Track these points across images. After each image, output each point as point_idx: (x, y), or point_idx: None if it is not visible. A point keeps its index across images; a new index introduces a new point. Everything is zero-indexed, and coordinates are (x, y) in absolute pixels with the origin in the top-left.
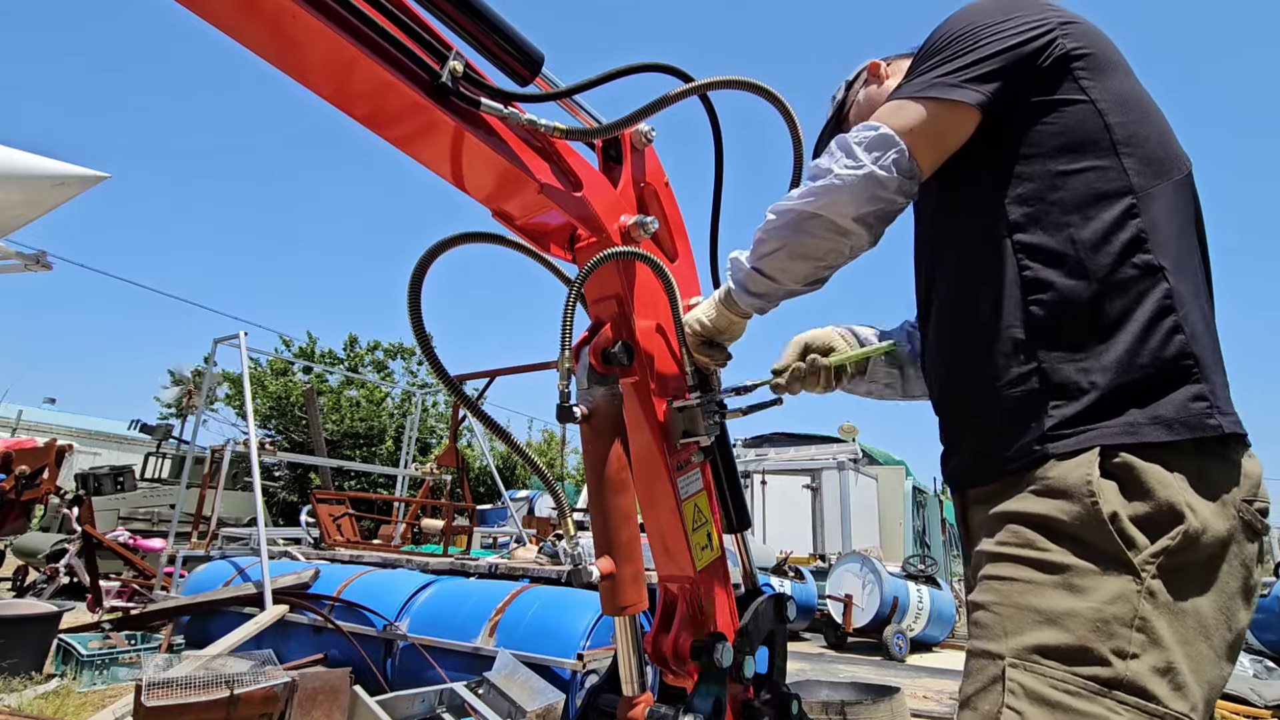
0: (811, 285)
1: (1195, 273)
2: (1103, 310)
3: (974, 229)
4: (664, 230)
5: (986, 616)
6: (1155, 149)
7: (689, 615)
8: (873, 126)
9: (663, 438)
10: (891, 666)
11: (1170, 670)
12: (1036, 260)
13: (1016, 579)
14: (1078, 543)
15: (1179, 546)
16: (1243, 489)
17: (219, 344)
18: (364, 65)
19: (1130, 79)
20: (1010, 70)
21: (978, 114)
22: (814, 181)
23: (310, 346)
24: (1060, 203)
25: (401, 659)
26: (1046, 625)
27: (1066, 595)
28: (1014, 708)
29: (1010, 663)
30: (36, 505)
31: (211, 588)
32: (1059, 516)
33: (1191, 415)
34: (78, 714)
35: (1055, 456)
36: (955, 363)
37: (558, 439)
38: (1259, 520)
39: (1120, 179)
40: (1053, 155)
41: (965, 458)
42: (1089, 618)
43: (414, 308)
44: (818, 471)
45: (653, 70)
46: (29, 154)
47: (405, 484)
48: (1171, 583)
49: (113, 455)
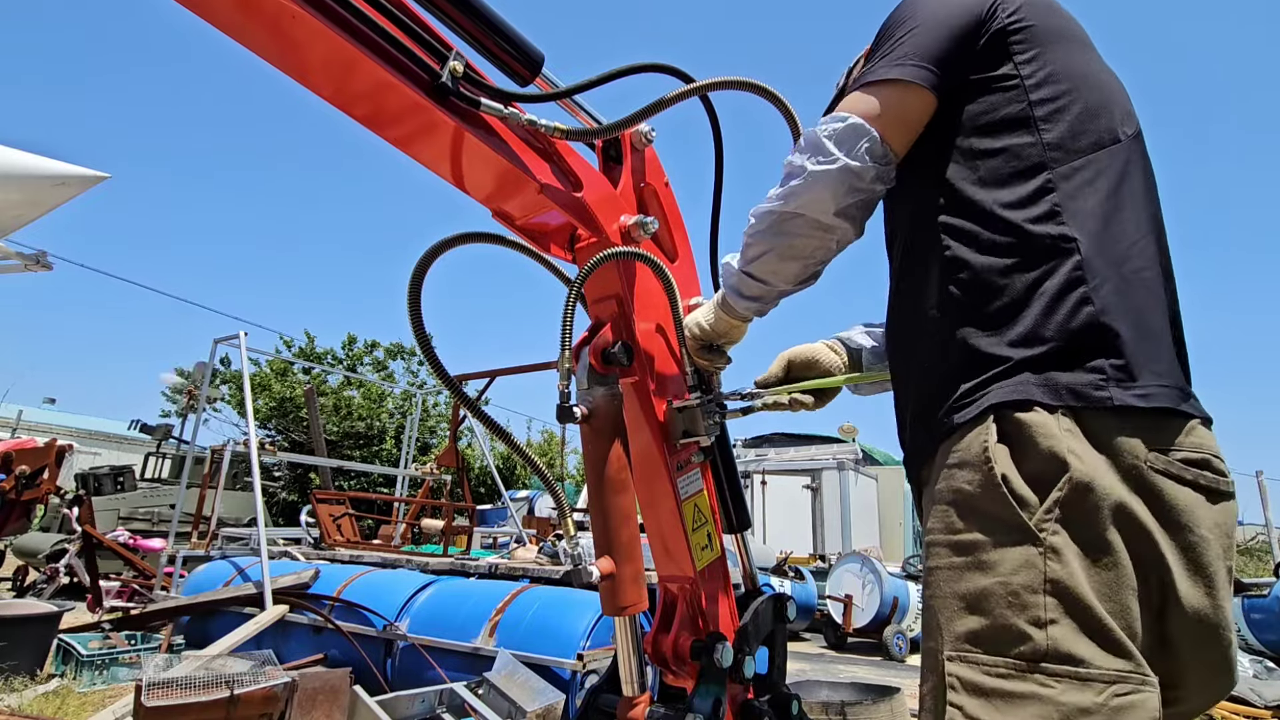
0: (804, 283)
1: (1122, 241)
2: (1014, 285)
3: (915, 215)
4: (664, 230)
5: (927, 613)
6: (1083, 121)
7: (689, 615)
8: (840, 117)
9: (663, 438)
10: (891, 667)
11: (1098, 627)
12: (956, 239)
13: (942, 567)
14: (982, 516)
15: (1070, 498)
16: (1155, 441)
17: (219, 344)
18: (364, 65)
19: (1073, 48)
20: (953, 42)
21: (931, 95)
22: (789, 180)
23: (309, 346)
24: (980, 181)
25: (401, 659)
26: (969, 611)
27: (979, 575)
28: (955, 704)
29: (947, 656)
30: (37, 505)
31: (211, 588)
32: (965, 489)
33: (1081, 385)
34: (78, 714)
35: (959, 426)
36: (894, 351)
37: (558, 439)
38: (1186, 470)
39: (1038, 154)
40: (977, 134)
41: (909, 445)
42: (1000, 594)
43: (414, 308)
44: (818, 472)
45: (653, 70)
46: (29, 154)
47: (405, 484)
48: (1076, 536)
49: (113, 455)
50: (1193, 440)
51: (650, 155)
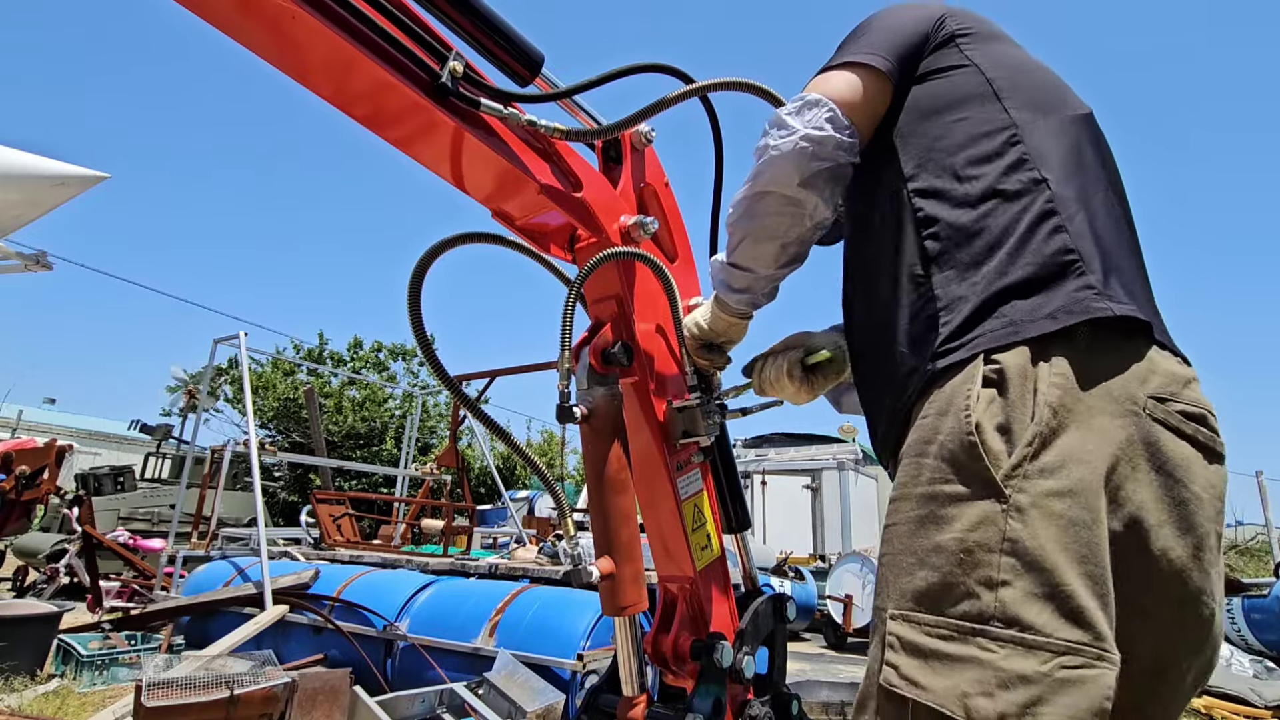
0: (787, 266)
1: (1089, 188)
2: (988, 225)
3: (881, 190)
4: (664, 230)
5: (880, 570)
6: (1039, 94)
7: (689, 615)
8: (799, 96)
9: (663, 438)
10: None
11: (1057, 593)
12: (927, 199)
13: (899, 522)
14: (949, 466)
15: (1039, 451)
16: (1150, 384)
17: (219, 344)
18: (364, 66)
19: (1013, 47)
20: (908, 45)
21: (888, 79)
22: (756, 161)
23: (320, 348)
24: (946, 147)
25: (401, 659)
26: (919, 566)
27: (935, 530)
28: (891, 663)
29: (890, 614)
30: (37, 505)
31: (211, 588)
32: (937, 438)
33: (1077, 302)
34: (78, 714)
35: (943, 372)
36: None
37: (558, 439)
38: (1185, 423)
39: (1002, 117)
40: (941, 111)
41: (884, 417)
42: (953, 550)
43: (414, 308)
44: (818, 472)
45: (653, 71)
46: (29, 154)
47: (405, 484)
48: (1048, 492)
49: (113, 455)
50: (1190, 393)
51: (650, 155)
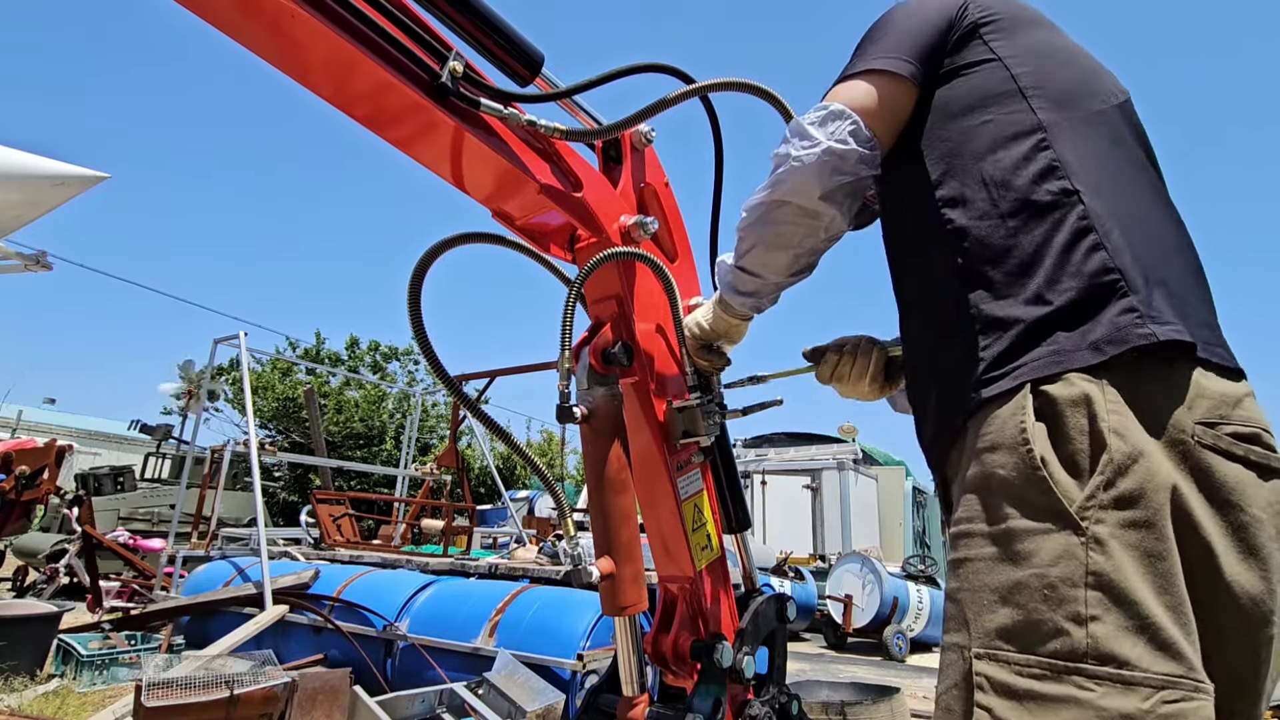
0: (797, 275)
1: (1125, 194)
2: (1020, 243)
3: (912, 200)
4: (664, 230)
5: (951, 606)
6: (1069, 86)
7: (689, 615)
8: (822, 106)
9: (663, 438)
10: (891, 667)
11: (1147, 626)
12: (955, 210)
13: (972, 558)
14: (1019, 502)
15: (1115, 480)
16: (1197, 409)
17: (219, 344)
18: (364, 66)
19: (1045, 32)
20: (930, 42)
21: (912, 85)
22: (776, 169)
23: (316, 348)
24: (972, 152)
25: (401, 659)
26: (1001, 605)
27: (1013, 566)
28: (984, 705)
29: (976, 653)
30: (36, 505)
31: (211, 588)
32: (999, 474)
33: (1119, 330)
34: (78, 714)
35: (989, 401)
36: (910, 335)
37: (558, 439)
38: (1235, 445)
39: (1028, 118)
40: (965, 113)
41: (930, 430)
42: (1035, 586)
43: (414, 308)
44: (818, 472)
45: (653, 71)
46: (29, 154)
47: (405, 484)
48: (1125, 523)
49: (113, 455)
50: (1241, 413)
51: (650, 155)
